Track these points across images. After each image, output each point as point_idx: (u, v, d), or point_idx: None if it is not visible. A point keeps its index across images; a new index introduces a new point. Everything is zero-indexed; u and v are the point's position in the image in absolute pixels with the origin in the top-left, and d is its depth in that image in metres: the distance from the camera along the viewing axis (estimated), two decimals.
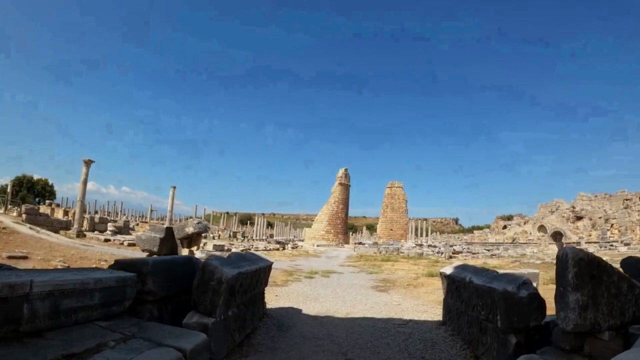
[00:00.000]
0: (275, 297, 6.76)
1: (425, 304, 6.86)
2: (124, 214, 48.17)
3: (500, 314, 3.52)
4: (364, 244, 33.78)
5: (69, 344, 2.71)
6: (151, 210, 44.04)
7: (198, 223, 8.40)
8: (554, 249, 30.76)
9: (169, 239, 8.20)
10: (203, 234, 9.51)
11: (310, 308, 6.00)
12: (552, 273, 11.71)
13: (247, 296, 4.20)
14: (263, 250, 24.95)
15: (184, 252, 8.38)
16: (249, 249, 24.12)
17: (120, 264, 4.04)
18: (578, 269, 2.86)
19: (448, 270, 5.09)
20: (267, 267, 5.02)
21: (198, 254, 8.25)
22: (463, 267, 4.93)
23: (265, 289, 5.67)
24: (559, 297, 3.00)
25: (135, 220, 40.62)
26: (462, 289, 4.47)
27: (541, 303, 3.41)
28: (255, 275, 4.37)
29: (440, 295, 7.82)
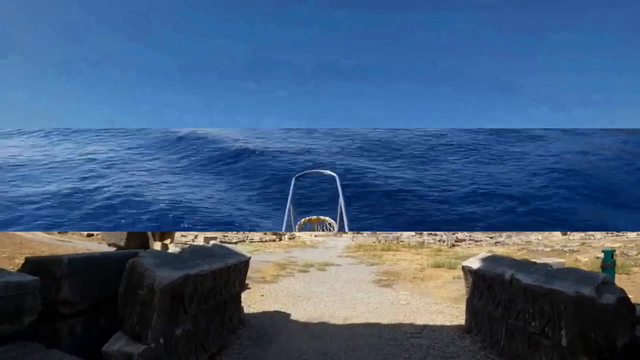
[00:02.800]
0: (260, 298, 5.67)
1: (438, 302, 5.80)
2: None
3: (568, 326, 2.44)
4: (362, 233, 32.78)
5: None
6: None
7: None
8: (558, 236, 29.84)
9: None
10: None
11: (301, 312, 4.92)
12: (569, 261, 10.75)
13: (210, 304, 3.10)
14: (258, 241, 24.03)
15: (157, 245, 7.29)
16: (244, 241, 23.16)
17: (31, 264, 2.94)
18: None
19: (474, 263, 3.99)
20: (242, 264, 3.91)
21: (172, 248, 7.16)
22: (494, 260, 3.83)
23: (249, 288, 4.61)
24: None
25: None
26: (497, 289, 3.39)
27: (630, 311, 2.33)
28: (221, 275, 3.27)
29: (453, 290, 6.77)
